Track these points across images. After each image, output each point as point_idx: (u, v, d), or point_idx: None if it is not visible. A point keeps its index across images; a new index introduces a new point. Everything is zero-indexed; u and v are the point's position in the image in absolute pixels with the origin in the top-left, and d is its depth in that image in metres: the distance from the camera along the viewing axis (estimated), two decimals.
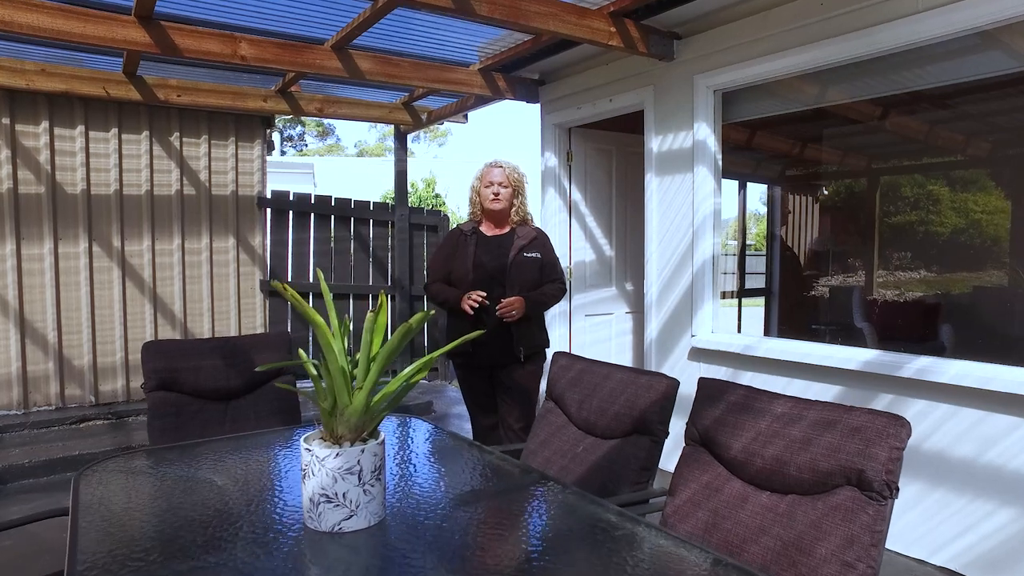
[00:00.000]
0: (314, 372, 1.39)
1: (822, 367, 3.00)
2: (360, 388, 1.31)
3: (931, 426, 2.62)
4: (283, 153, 31.23)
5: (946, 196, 7.05)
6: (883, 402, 2.78)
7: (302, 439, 1.33)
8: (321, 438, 1.37)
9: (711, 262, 3.55)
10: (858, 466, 1.31)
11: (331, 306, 1.39)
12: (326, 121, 35.83)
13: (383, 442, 1.35)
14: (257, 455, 1.81)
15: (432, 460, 1.82)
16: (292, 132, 35.32)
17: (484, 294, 2.77)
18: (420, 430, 2.10)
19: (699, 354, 3.60)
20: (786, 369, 3.16)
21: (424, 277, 5.46)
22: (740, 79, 3.38)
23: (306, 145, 36.29)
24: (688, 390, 1.75)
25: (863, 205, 6.64)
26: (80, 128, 4.61)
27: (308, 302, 5.88)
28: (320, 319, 1.36)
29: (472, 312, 2.78)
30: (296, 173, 15.94)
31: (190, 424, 2.27)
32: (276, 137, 26.15)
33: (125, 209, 4.83)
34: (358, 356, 1.37)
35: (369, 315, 1.28)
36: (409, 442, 1.98)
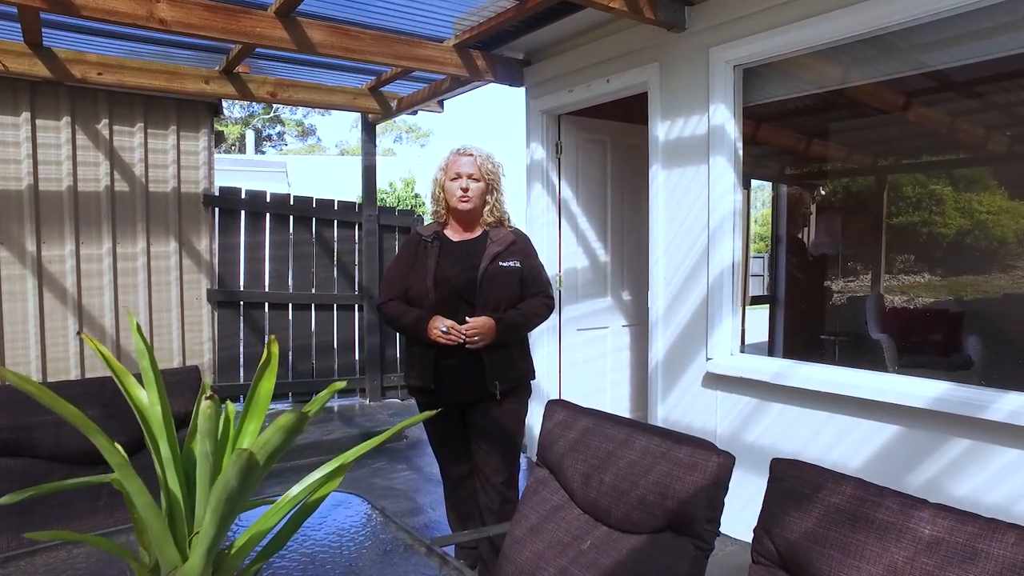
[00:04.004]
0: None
1: (874, 402, 2.43)
2: (198, 534, 0.70)
3: None
4: (263, 152, 30.30)
5: (950, 196, 6.63)
6: (957, 448, 2.22)
7: None
8: None
9: (731, 270, 2.98)
10: None
11: (153, 377, 0.77)
12: (306, 122, 34.97)
13: None
14: None
15: None
16: (271, 132, 34.40)
17: (454, 325, 2.19)
18: (355, 521, 1.48)
19: (716, 380, 3.02)
20: (827, 403, 2.59)
21: None
22: (765, 51, 2.81)
23: (286, 145, 35.36)
24: (694, 421, 1.17)
25: (873, 205, 6.14)
26: None
27: (264, 312, 5.23)
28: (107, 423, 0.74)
29: (448, 343, 2.19)
30: (267, 172, 15.20)
31: (44, 507, 1.63)
32: (250, 135, 25.33)
33: (41, 207, 4.14)
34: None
35: (205, 404, 0.66)
36: (337, 550, 1.36)
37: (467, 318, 2.21)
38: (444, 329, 2.18)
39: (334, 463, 0.81)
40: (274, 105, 29.26)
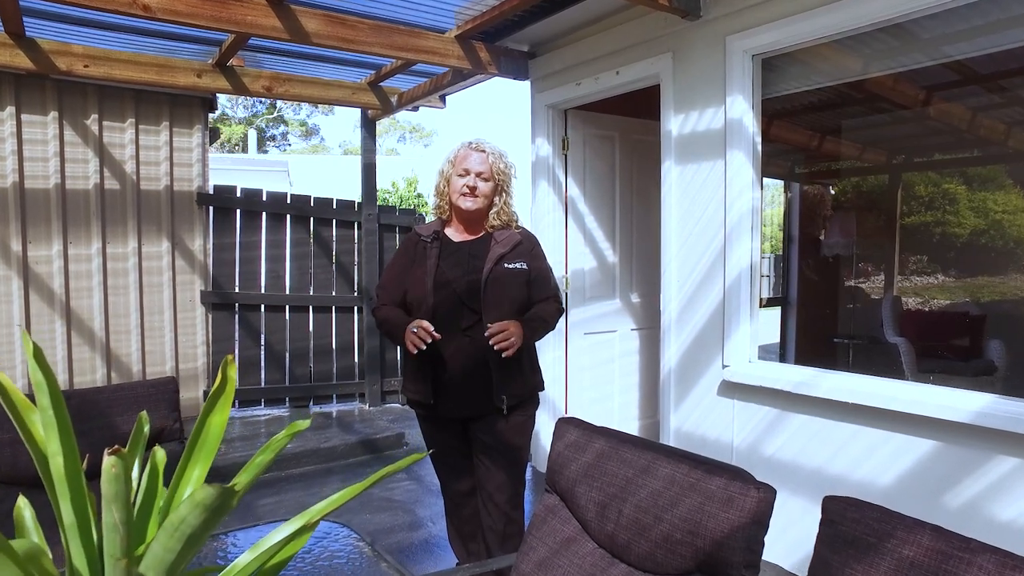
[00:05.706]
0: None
1: (908, 415, 2.25)
2: None
3: None
4: (266, 152, 30.14)
5: (963, 195, 6.46)
6: (1003, 468, 2.04)
7: None
8: None
9: (749, 272, 2.81)
10: None
11: (55, 420, 0.60)
12: (310, 122, 34.80)
13: None
14: None
15: None
16: (275, 132, 34.25)
17: (431, 328, 1.98)
18: (340, 557, 1.32)
19: (732, 389, 2.85)
20: (854, 414, 2.42)
21: None
22: (785, 40, 2.64)
23: (289, 145, 35.21)
24: (709, 432, 1.01)
25: (886, 204, 5.95)
26: None
27: (260, 314, 5.05)
28: None
29: (416, 352, 1.99)
30: (268, 171, 15.05)
31: None
32: (252, 135, 25.20)
33: (27, 206, 3.99)
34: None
35: (108, 461, 0.50)
36: None
37: (488, 324, 2.01)
38: (415, 329, 1.98)
39: (298, 520, 0.64)
40: (277, 105, 29.10)
